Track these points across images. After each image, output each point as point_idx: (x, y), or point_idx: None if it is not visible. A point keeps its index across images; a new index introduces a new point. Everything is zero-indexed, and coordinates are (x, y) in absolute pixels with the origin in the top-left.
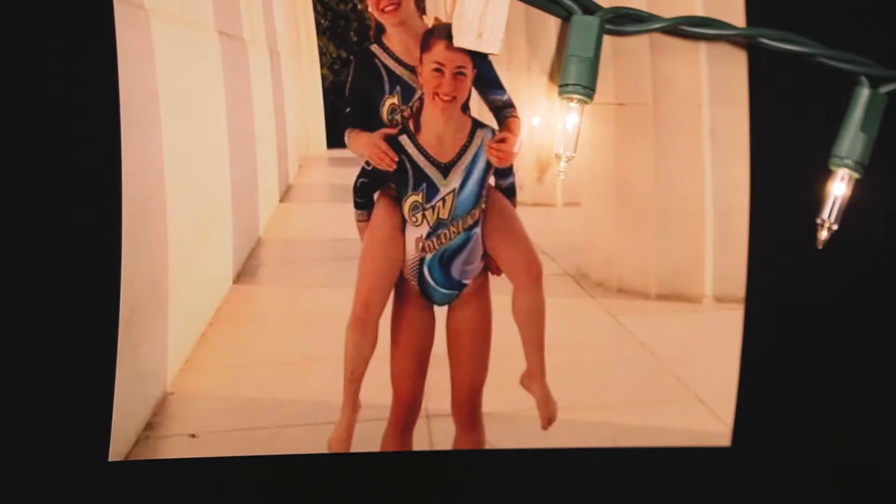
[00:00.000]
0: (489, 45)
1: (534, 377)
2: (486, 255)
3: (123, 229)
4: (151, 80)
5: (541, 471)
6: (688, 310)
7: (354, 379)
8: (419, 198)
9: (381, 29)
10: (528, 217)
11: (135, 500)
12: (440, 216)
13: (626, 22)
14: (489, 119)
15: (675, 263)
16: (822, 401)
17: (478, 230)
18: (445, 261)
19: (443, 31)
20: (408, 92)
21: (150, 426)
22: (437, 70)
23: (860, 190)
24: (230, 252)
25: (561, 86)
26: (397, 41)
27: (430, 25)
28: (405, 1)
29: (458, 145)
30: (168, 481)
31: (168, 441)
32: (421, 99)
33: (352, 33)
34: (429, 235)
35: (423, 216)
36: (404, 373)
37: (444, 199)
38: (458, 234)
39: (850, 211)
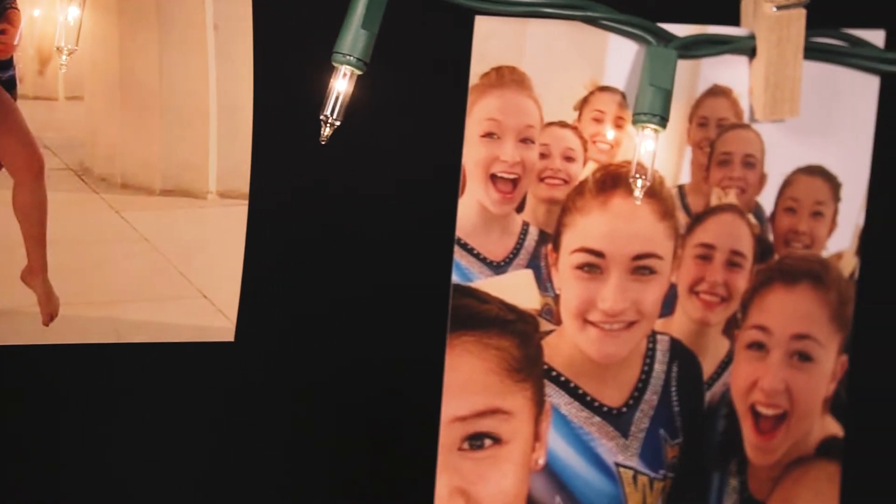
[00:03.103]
0: None
1: (35, 273)
2: None
3: None
4: None
5: (43, 368)
6: (192, 205)
7: None
8: None
9: None
10: (29, 111)
11: None
12: None
13: None
14: None
15: (180, 159)
16: (326, 295)
17: None
18: None
19: None
20: None
21: None
22: None
23: (362, 87)
24: None
25: None
26: None
27: None
28: None
29: None
30: None
31: None
32: None
33: None
34: None
35: None
36: None
37: None
38: None
39: (353, 107)
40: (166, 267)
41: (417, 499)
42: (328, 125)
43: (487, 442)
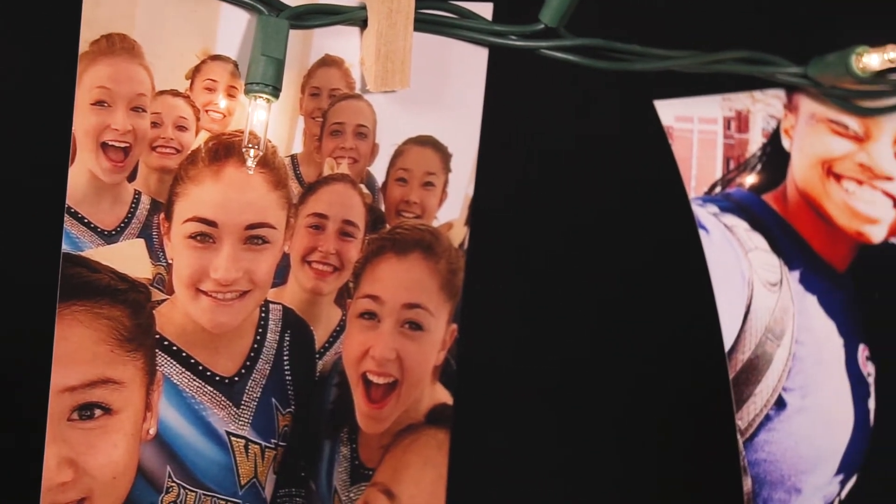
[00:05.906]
0: None
1: None
2: None
3: None
4: None
5: None
6: None
7: None
8: None
9: None
10: None
11: None
12: None
13: None
14: None
15: None
16: None
17: None
18: None
19: None
20: None
21: None
22: None
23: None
24: None
25: None
26: None
27: None
28: None
29: None
30: None
31: None
32: None
33: None
34: None
35: None
36: None
37: None
38: None
39: None
40: None
41: (27, 471)
42: None
43: (98, 412)
